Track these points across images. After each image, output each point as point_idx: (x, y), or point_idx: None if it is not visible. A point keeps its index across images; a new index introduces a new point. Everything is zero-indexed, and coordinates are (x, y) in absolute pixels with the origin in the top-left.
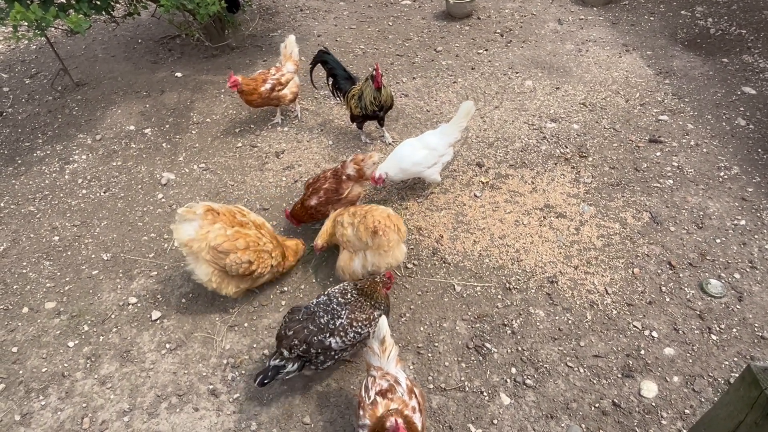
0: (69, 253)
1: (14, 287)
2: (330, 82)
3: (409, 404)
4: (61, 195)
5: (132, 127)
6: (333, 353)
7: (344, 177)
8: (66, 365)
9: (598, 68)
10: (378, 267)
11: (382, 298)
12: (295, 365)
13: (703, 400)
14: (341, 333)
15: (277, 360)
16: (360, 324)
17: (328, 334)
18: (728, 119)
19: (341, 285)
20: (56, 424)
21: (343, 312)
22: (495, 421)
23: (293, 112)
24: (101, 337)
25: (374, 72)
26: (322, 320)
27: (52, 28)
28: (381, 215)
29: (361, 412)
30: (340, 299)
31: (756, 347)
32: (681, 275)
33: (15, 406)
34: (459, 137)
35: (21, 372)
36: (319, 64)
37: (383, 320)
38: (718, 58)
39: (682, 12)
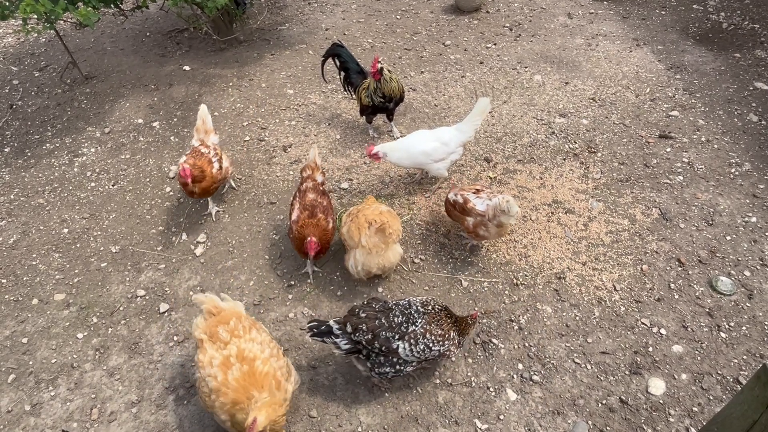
0: (78, 245)
1: (24, 279)
2: (342, 76)
3: None
4: (71, 188)
5: (140, 121)
6: (396, 360)
7: (322, 188)
8: (75, 356)
9: (608, 63)
10: (369, 268)
11: (466, 325)
12: (347, 345)
13: (711, 398)
14: (411, 341)
15: (338, 326)
16: (433, 338)
17: (397, 336)
18: (740, 115)
19: (426, 297)
20: (65, 415)
21: (420, 320)
22: (501, 417)
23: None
24: (110, 329)
25: (372, 63)
26: (396, 320)
27: (61, 21)
28: (373, 213)
29: None
30: (420, 308)
31: (766, 345)
32: (690, 272)
33: (25, 396)
34: (472, 136)
35: (31, 363)
36: (332, 58)
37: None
38: (731, 53)
39: (694, 6)
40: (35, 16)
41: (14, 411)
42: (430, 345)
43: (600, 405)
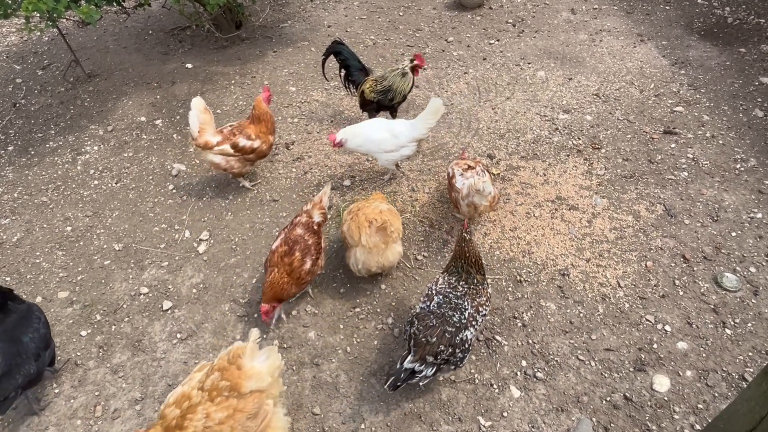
0: (81, 243)
1: (28, 277)
2: (342, 74)
3: None
4: (74, 186)
5: (143, 119)
6: (468, 345)
7: (316, 227)
8: (79, 354)
9: (612, 58)
10: (369, 266)
11: (472, 258)
12: (433, 370)
13: (716, 394)
14: (472, 321)
15: (416, 364)
16: (484, 307)
17: (464, 329)
18: (745, 110)
19: (441, 280)
20: (69, 412)
21: (466, 302)
22: (505, 414)
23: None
24: (113, 327)
25: (414, 59)
26: (454, 319)
27: (64, 20)
28: (373, 212)
29: None
30: (454, 293)
31: None
32: (695, 269)
33: (29, 393)
34: (426, 135)
35: None
36: (332, 56)
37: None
38: (736, 47)
39: (699, 1)
40: (38, 15)
41: (19, 407)
42: (483, 312)
43: (604, 402)
